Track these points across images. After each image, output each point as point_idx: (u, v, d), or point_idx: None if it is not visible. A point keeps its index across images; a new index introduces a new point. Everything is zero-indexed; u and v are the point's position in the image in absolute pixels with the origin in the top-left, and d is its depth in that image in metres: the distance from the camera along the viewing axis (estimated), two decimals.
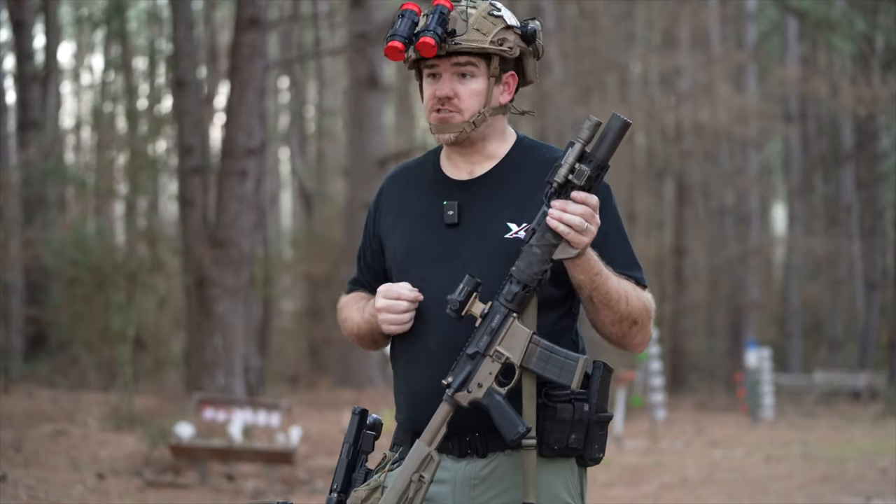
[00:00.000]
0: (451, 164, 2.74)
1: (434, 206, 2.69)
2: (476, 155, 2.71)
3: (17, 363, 15.92)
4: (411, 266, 2.68)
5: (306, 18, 23.96)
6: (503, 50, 2.63)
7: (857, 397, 20.32)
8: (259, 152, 12.10)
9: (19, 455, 9.28)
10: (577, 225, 2.48)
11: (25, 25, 17.20)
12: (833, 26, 20.73)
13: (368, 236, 2.84)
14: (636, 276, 2.66)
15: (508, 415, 2.51)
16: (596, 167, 2.51)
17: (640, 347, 2.69)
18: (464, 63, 2.64)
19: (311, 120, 28.80)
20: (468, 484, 2.63)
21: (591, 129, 2.52)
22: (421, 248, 2.68)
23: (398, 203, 2.77)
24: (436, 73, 2.67)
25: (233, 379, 11.77)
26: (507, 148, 2.73)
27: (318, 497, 9.00)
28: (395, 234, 2.75)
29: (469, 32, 2.62)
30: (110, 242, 16.00)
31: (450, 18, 2.63)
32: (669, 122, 22.31)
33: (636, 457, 12.24)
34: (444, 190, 2.71)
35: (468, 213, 2.66)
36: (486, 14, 2.64)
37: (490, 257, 2.61)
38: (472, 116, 2.65)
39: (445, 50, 2.63)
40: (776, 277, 28.96)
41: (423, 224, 2.70)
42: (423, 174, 2.78)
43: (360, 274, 2.86)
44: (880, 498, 8.80)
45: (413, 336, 2.67)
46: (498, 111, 2.70)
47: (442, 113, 2.66)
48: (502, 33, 2.64)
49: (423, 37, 2.59)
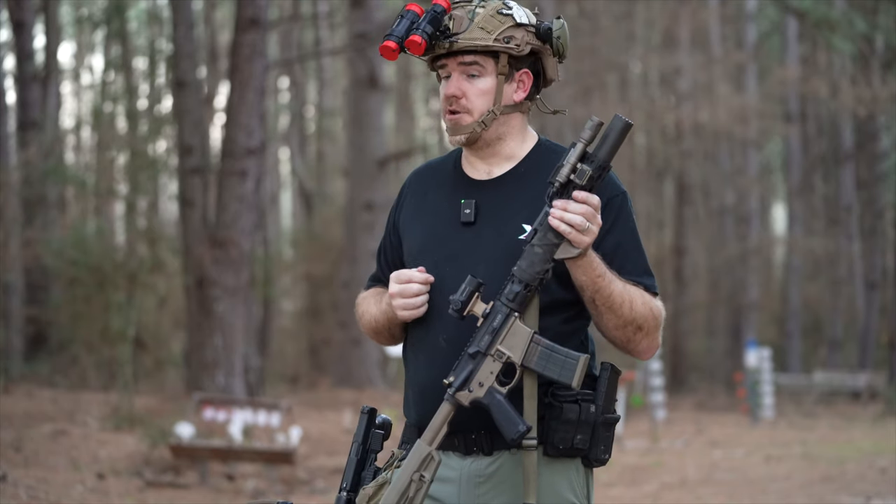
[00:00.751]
0: (469, 163, 2.75)
1: (452, 204, 2.70)
2: (493, 156, 2.72)
3: (17, 363, 15.92)
4: (426, 262, 2.68)
5: (306, 18, 23.97)
6: (508, 47, 2.63)
7: (857, 397, 20.32)
8: (259, 152, 12.10)
9: (19, 455, 9.28)
10: (578, 224, 2.48)
11: (25, 25, 17.20)
12: (833, 26, 20.73)
13: (389, 231, 2.84)
14: (646, 283, 2.66)
15: (509, 414, 2.51)
16: (598, 167, 2.51)
17: (647, 354, 2.68)
18: (469, 62, 2.65)
19: (311, 120, 28.80)
20: (473, 482, 2.63)
21: (594, 129, 2.52)
22: (436, 245, 2.69)
23: (418, 199, 2.78)
24: (448, 75, 2.68)
25: (233, 379, 11.78)
26: (527, 149, 2.73)
27: (318, 497, 9.00)
28: (412, 230, 2.76)
29: (471, 31, 2.62)
30: (110, 242, 16.03)
31: (454, 17, 2.64)
32: (669, 122, 22.32)
33: (636, 457, 12.25)
34: (462, 189, 2.72)
35: (485, 213, 2.67)
36: (495, 13, 2.64)
37: (502, 258, 2.61)
38: (482, 116, 2.66)
39: (445, 49, 2.63)
40: (776, 277, 28.96)
41: (441, 221, 2.71)
42: (445, 172, 2.78)
43: (380, 270, 2.86)
44: (880, 498, 8.80)
45: (425, 333, 2.68)
46: (512, 110, 2.69)
47: (453, 114, 2.67)
48: (510, 31, 2.63)
49: (412, 35, 2.61)
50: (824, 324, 25.11)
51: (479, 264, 2.61)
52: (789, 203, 26.00)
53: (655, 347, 2.69)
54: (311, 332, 22.80)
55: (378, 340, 2.85)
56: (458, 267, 2.63)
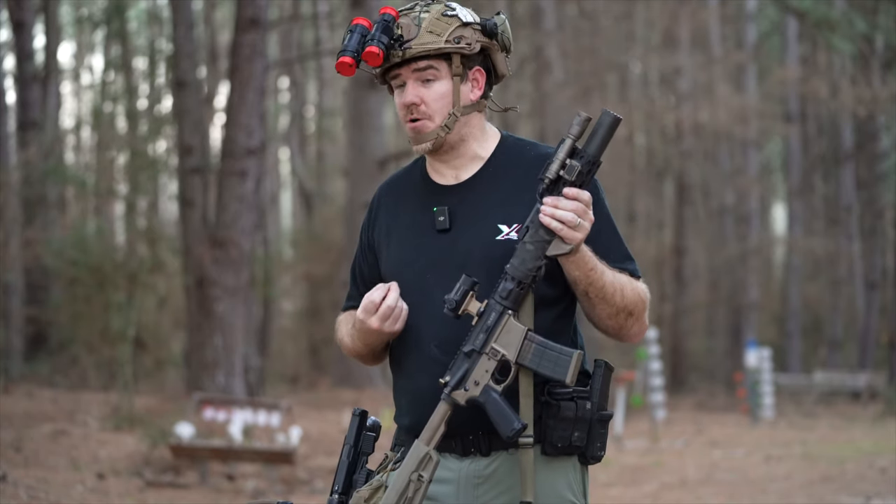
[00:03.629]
0: (435, 170, 2.75)
1: (425, 213, 2.70)
2: (458, 158, 2.72)
3: (17, 363, 15.93)
4: (407, 274, 2.68)
5: (306, 18, 23.98)
6: (460, 47, 2.63)
7: (857, 397, 20.32)
8: (259, 152, 12.11)
9: (19, 455, 9.28)
10: (569, 221, 2.48)
11: (25, 25, 17.21)
12: (833, 26, 20.73)
13: (364, 250, 2.82)
14: (630, 269, 2.67)
15: (504, 412, 2.51)
16: (587, 163, 2.51)
17: (637, 338, 2.70)
18: (424, 67, 2.65)
19: (311, 120, 28.81)
20: (471, 483, 2.64)
21: (582, 125, 2.52)
22: (415, 256, 2.69)
23: (389, 214, 2.77)
24: (402, 84, 2.68)
25: (233, 379, 11.78)
26: (491, 148, 2.73)
27: (318, 497, 9.00)
28: (388, 245, 2.75)
29: (421, 36, 2.63)
30: (110, 242, 16.03)
31: (401, 25, 2.64)
32: (669, 122, 22.32)
33: (636, 457, 12.25)
34: (433, 196, 2.71)
35: (459, 218, 2.67)
36: (440, 16, 2.65)
37: (482, 260, 2.61)
38: (444, 120, 2.66)
39: (399, 57, 2.64)
40: (776, 277, 28.96)
41: (416, 232, 2.70)
42: (412, 183, 2.78)
43: (355, 289, 2.84)
44: (880, 498, 8.80)
45: (413, 341, 2.67)
46: (470, 109, 2.69)
47: (414, 122, 2.67)
48: (458, 31, 2.64)
49: (367, 47, 2.61)
50: (824, 324, 25.11)
51: (461, 269, 2.60)
52: (789, 203, 26.01)
53: (645, 330, 2.70)
54: (311, 332, 22.80)
55: (364, 363, 2.85)
56: (440, 274, 2.63)
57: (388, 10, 2.65)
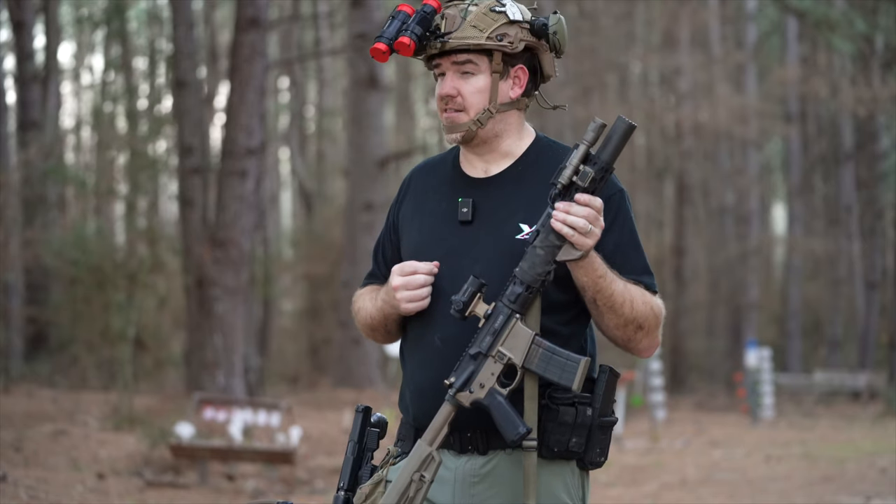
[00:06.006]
0: (467, 161, 2.74)
1: (451, 203, 2.69)
2: (491, 153, 2.71)
3: (17, 363, 15.93)
4: (423, 260, 2.66)
5: (306, 18, 23.98)
6: (501, 45, 2.62)
7: (857, 397, 20.32)
8: (259, 152, 12.11)
9: (19, 455, 9.28)
10: (580, 227, 2.47)
11: (25, 25, 17.21)
12: (833, 26, 20.72)
13: (389, 229, 2.82)
14: (646, 282, 2.65)
15: (509, 415, 2.51)
16: (600, 169, 2.50)
17: (648, 353, 2.68)
18: (463, 61, 2.64)
19: (311, 120, 28.81)
20: (468, 482, 2.63)
21: (596, 131, 2.51)
22: (434, 244, 2.68)
23: (417, 197, 2.77)
24: (443, 73, 2.68)
25: (233, 379, 11.78)
26: (525, 146, 2.72)
27: (318, 497, 9.00)
28: (411, 228, 2.75)
29: (463, 29, 2.61)
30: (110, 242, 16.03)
31: (446, 16, 2.63)
32: (669, 122, 22.33)
33: (636, 457, 12.24)
34: (460, 187, 2.71)
35: (482, 212, 2.66)
36: (488, 10, 2.63)
37: (499, 257, 2.60)
38: (478, 114, 2.65)
39: (437, 49, 2.63)
40: (776, 277, 28.96)
41: (438, 220, 2.70)
42: (444, 170, 2.78)
43: (377, 266, 2.84)
44: (880, 498, 8.79)
45: (421, 332, 2.67)
46: (508, 107, 2.68)
47: (448, 112, 2.66)
48: (503, 28, 2.62)
49: (400, 36, 2.60)
50: (824, 324, 25.11)
51: (476, 263, 2.60)
52: (789, 203, 26.00)
53: (656, 346, 2.68)
54: (311, 332, 22.80)
55: (373, 338, 2.83)
56: (455, 266, 2.63)
57: (429, 2, 2.63)
